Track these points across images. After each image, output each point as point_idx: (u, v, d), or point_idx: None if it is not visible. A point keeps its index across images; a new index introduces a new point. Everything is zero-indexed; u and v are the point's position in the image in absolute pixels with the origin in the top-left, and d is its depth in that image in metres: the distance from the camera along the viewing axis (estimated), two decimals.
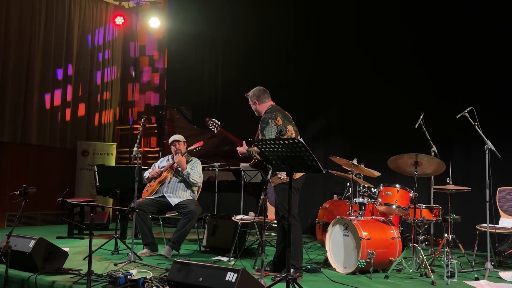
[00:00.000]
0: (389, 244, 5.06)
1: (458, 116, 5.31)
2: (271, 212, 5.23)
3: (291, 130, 4.72)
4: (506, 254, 5.81)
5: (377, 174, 5.81)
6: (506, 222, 5.77)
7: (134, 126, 10.29)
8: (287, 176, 3.78)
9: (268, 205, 5.15)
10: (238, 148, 4.82)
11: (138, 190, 5.32)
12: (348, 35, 8.21)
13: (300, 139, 3.64)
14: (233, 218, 5.92)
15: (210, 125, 4.85)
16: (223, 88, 9.63)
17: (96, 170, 7.03)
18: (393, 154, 5.04)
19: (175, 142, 6.01)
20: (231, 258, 5.50)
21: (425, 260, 4.85)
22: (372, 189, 5.72)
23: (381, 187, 5.42)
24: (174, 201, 5.81)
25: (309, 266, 4.97)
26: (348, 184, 5.91)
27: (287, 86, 4.97)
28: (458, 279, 4.73)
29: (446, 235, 5.07)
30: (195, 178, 5.91)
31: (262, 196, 4.26)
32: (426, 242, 5.65)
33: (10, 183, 8.64)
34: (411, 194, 5.21)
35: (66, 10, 9.73)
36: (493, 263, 5.15)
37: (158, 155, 7.74)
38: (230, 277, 3.38)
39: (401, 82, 7.56)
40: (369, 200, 5.61)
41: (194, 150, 5.94)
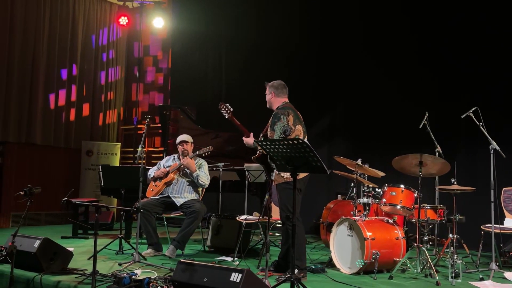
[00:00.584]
0: (393, 244, 5.05)
1: (462, 116, 5.30)
2: (275, 212, 5.22)
3: (300, 130, 4.72)
4: (511, 254, 5.79)
5: (381, 174, 5.80)
6: (511, 223, 5.75)
7: (138, 126, 10.32)
8: (291, 176, 3.78)
9: (272, 205, 5.14)
10: (244, 138, 4.77)
11: (142, 190, 5.32)
12: (351, 35, 8.20)
13: (304, 140, 3.64)
14: (237, 218, 5.92)
15: (223, 109, 4.80)
16: (227, 88, 9.62)
17: (100, 170, 7.04)
18: (397, 154, 5.03)
19: (183, 143, 5.98)
20: (236, 258, 5.50)
21: (429, 260, 4.84)
22: (376, 189, 5.71)
23: (385, 187, 5.41)
24: (179, 201, 5.81)
25: (313, 267, 4.97)
26: (352, 184, 5.91)
27: (291, 86, 4.95)
28: (463, 280, 4.72)
29: (450, 236, 5.05)
30: (204, 180, 5.91)
31: (267, 196, 4.26)
32: (431, 243, 5.64)
33: (15, 183, 8.67)
34: (416, 195, 5.20)
35: (70, 11, 9.76)
36: (498, 264, 5.13)
37: (162, 155, 7.74)
38: (235, 277, 3.38)
39: (405, 82, 7.55)
40: (373, 200, 5.60)
41: (204, 155, 5.92)
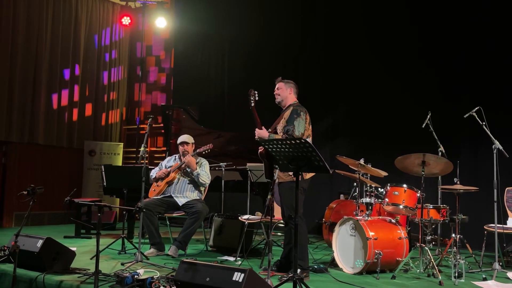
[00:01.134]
0: (396, 244, 5.04)
1: (465, 115, 5.28)
2: (278, 212, 5.22)
3: (311, 130, 4.76)
4: None
5: (384, 174, 5.79)
6: None
7: (141, 126, 10.32)
8: (294, 176, 3.77)
9: (274, 205, 5.14)
10: (258, 130, 4.69)
11: (145, 190, 5.33)
12: (355, 35, 8.19)
13: (306, 139, 3.64)
14: (239, 218, 5.92)
15: (251, 96, 4.74)
16: (230, 88, 9.62)
17: (103, 170, 7.05)
18: (400, 154, 5.03)
19: (184, 144, 5.99)
20: (238, 258, 5.50)
21: (432, 260, 4.84)
22: (379, 189, 5.71)
23: (388, 187, 5.40)
24: (181, 201, 5.82)
25: (316, 266, 4.97)
26: (355, 184, 5.90)
27: None
28: (466, 280, 4.71)
29: (453, 235, 5.05)
30: (204, 178, 5.91)
31: (269, 196, 4.26)
32: (434, 242, 5.63)
33: (18, 183, 8.68)
34: (419, 194, 5.19)
35: (73, 11, 9.77)
36: (501, 264, 5.12)
37: (164, 155, 7.74)
38: (237, 277, 3.38)
39: (408, 82, 7.54)
40: (376, 200, 5.59)
41: (204, 153, 5.93)
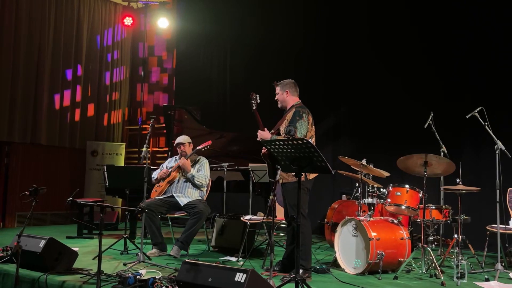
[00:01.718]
0: (398, 244, 5.03)
1: (468, 116, 5.27)
2: (280, 212, 5.22)
3: (314, 131, 4.75)
4: None
5: (386, 174, 5.78)
6: None
7: (143, 126, 10.33)
8: (296, 176, 3.77)
9: (276, 205, 5.14)
10: (260, 132, 4.69)
11: (147, 190, 5.33)
12: (357, 35, 8.18)
13: (308, 140, 3.64)
14: (241, 218, 5.92)
15: (253, 99, 4.73)
16: (232, 88, 9.62)
17: (105, 170, 7.06)
18: (402, 154, 5.02)
19: (180, 145, 6.04)
20: (240, 259, 5.51)
21: (434, 260, 4.83)
22: (381, 189, 5.70)
23: (390, 188, 5.40)
24: (183, 201, 5.82)
25: (318, 267, 4.97)
26: (357, 184, 5.90)
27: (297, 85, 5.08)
28: (468, 280, 4.70)
29: (456, 236, 5.04)
30: (201, 180, 5.92)
31: (271, 196, 4.25)
32: (436, 243, 5.62)
33: (20, 183, 8.71)
34: (421, 195, 5.19)
35: (75, 11, 9.79)
36: (503, 264, 5.11)
37: (166, 155, 7.75)
38: (239, 277, 3.39)
39: (410, 82, 7.53)
40: (378, 200, 5.59)
41: (203, 150, 5.95)
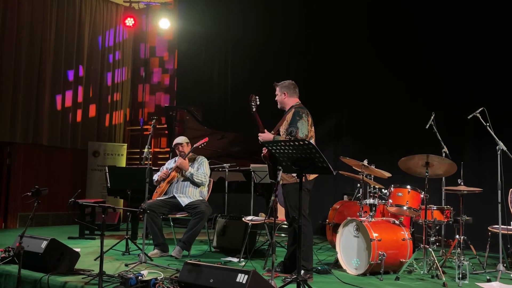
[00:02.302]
0: (400, 245, 5.03)
1: (469, 116, 5.27)
2: (281, 213, 5.22)
3: (313, 131, 4.74)
4: None
5: (387, 175, 5.78)
6: None
7: (145, 127, 10.34)
8: (297, 177, 3.78)
9: (278, 206, 5.14)
10: (261, 134, 4.69)
11: (148, 191, 5.34)
12: (358, 35, 8.18)
13: (310, 141, 3.64)
14: (243, 219, 5.93)
15: (252, 101, 4.72)
16: (233, 88, 9.63)
17: (107, 171, 7.06)
18: (403, 155, 5.02)
19: (178, 145, 6.07)
20: (242, 259, 5.51)
21: (436, 261, 4.83)
22: (382, 190, 5.69)
23: (391, 188, 5.39)
24: (184, 201, 5.83)
25: (319, 267, 4.97)
26: (358, 185, 5.89)
27: (297, 86, 5.01)
28: (470, 281, 4.70)
29: (457, 237, 5.03)
30: (200, 177, 5.93)
31: (272, 197, 4.26)
32: (437, 244, 5.62)
33: (22, 184, 8.73)
34: (422, 195, 5.18)
35: (76, 12, 9.80)
36: (505, 265, 5.10)
37: (168, 156, 7.76)
38: (241, 278, 3.39)
39: (412, 82, 7.52)
40: (379, 201, 5.58)
41: (200, 147, 5.95)
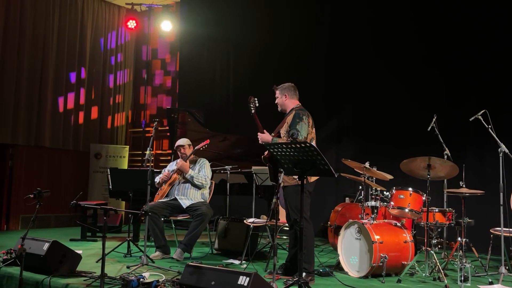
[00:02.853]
0: (401, 247, 5.03)
1: (471, 118, 5.26)
2: (283, 215, 5.22)
3: (314, 133, 4.75)
4: None
5: (389, 177, 5.78)
6: None
7: (147, 129, 10.35)
8: (299, 179, 3.78)
9: (280, 208, 5.14)
10: (261, 134, 4.66)
11: (150, 193, 5.34)
12: (360, 37, 8.17)
13: (311, 143, 3.64)
14: (245, 221, 5.92)
15: (251, 103, 4.69)
16: (235, 90, 9.63)
17: (109, 173, 7.07)
18: (405, 157, 5.01)
19: (180, 147, 6.07)
20: (243, 261, 5.50)
21: (438, 264, 4.82)
22: (384, 192, 5.69)
23: (393, 190, 5.38)
24: (185, 203, 5.83)
25: (321, 270, 4.96)
26: (360, 187, 5.89)
27: (299, 88, 5.01)
28: (472, 284, 4.69)
29: (459, 239, 5.03)
30: (200, 180, 5.93)
31: (274, 199, 4.26)
32: (439, 246, 5.61)
33: (24, 186, 8.75)
34: (424, 198, 5.17)
35: (79, 14, 9.83)
36: (507, 267, 5.08)
37: (170, 158, 7.76)
38: (242, 280, 3.39)
39: (413, 84, 7.51)
40: (381, 203, 5.57)
41: (201, 149, 5.96)
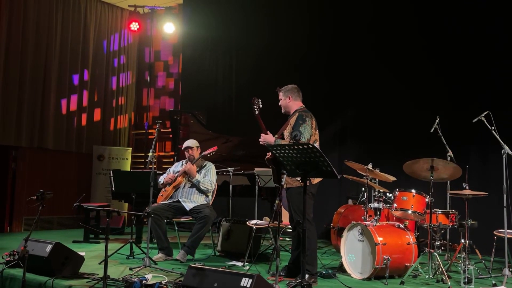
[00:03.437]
0: (404, 249, 5.01)
1: (474, 120, 5.25)
2: (286, 217, 5.22)
3: (318, 135, 4.74)
4: None
5: (392, 179, 5.77)
6: None
7: (149, 131, 10.35)
8: (302, 181, 3.77)
9: (282, 210, 5.13)
10: (264, 135, 4.65)
11: (153, 194, 5.34)
12: (362, 39, 8.16)
13: (314, 145, 3.64)
14: (247, 223, 5.92)
15: (255, 104, 4.67)
16: (238, 92, 9.63)
17: (111, 174, 7.07)
18: (408, 159, 5.00)
19: (188, 149, 6.05)
20: (246, 263, 5.50)
21: (441, 266, 4.81)
22: (387, 194, 5.68)
23: (396, 192, 5.38)
24: (189, 205, 5.83)
25: (324, 272, 4.96)
26: (363, 189, 5.88)
27: (301, 90, 5.02)
28: (475, 286, 4.67)
29: (462, 241, 5.01)
30: (206, 185, 5.92)
31: (277, 201, 4.25)
32: (443, 248, 5.60)
33: (27, 188, 8.76)
34: (427, 199, 5.16)
35: (82, 17, 9.85)
36: (511, 269, 5.07)
37: (173, 160, 7.76)
38: (245, 282, 3.39)
39: (416, 86, 7.50)
40: (384, 205, 5.57)
41: (209, 155, 5.95)
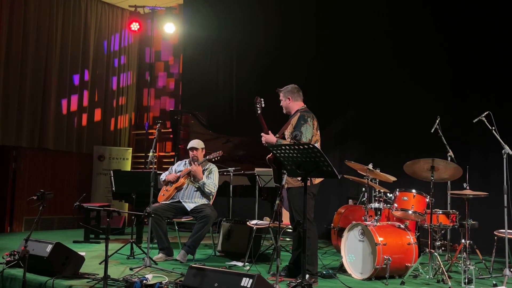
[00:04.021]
0: (405, 249, 5.01)
1: (475, 120, 5.25)
2: (286, 217, 5.22)
3: (319, 135, 4.74)
4: None
5: (393, 179, 5.76)
6: None
7: (150, 131, 10.36)
8: (302, 181, 3.77)
9: (283, 210, 5.13)
10: (265, 135, 4.65)
11: (153, 195, 5.34)
12: (364, 38, 8.16)
13: (314, 145, 3.64)
14: (248, 223, 5.92)
15: (257, 103, 4.66)
16: (238, 92, 9.62)
17: (112, 175, 7.08)
18: (409, 159, 5.00)
19: (193, 149, 5.99)
20: (246, 263, 5.50)
21: (442, 266, 4.80)
22: (388, 194, 5.68)
23: (397, 192, 5.38)
24: (190, 206, 5.83)
25: (324, 272, 4.95)
26: (363, 189, 5.88)
27: (302, 90, 5.03)
28: (476, 286, 4.67)
29: (463, 241, 5.01)
30: (211, 188, 5.91)
31: (277, 201, 4.25)
32: (443, 248, 5.60)
33: (28, 188, 8.77)
34: (428, 199, 5.16)
35: (82, 17, 9.86)
36: (511, 270, 5.07)
37: (173, 160, 7.76)
38: (246, 282, 3.39)
39: (417, 86, 7.49)
40: (385, 205, 5.56)
41: (214, 160, 5.92)
